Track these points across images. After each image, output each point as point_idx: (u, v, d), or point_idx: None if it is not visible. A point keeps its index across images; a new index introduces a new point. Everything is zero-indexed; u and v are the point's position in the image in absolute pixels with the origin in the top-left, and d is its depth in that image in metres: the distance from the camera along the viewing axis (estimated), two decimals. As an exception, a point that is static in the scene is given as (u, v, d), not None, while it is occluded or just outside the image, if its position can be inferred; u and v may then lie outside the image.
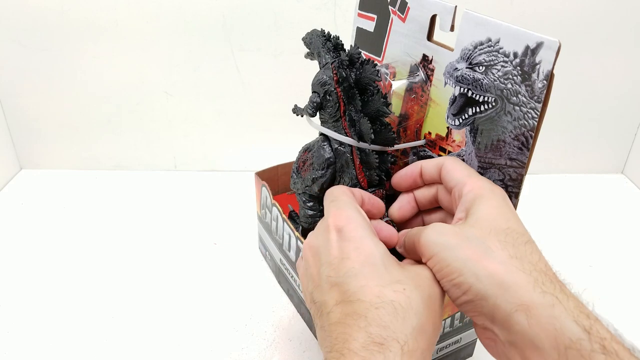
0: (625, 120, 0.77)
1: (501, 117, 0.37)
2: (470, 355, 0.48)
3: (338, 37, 0.42)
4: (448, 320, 0.42)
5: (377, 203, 0.39)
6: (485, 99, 0.37)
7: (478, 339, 0.47)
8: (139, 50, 0.70)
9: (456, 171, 0.36)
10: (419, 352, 0.28)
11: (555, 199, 0.75)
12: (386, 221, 0.41)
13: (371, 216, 0.38)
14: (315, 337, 0.48)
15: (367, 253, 0.31)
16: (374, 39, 0.49)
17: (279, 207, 0.50)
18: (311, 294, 0.33)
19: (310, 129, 0.44)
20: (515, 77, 0.35)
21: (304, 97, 0.44)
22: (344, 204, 0.35)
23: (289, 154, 0.52)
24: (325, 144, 0.43)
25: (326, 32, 0.43)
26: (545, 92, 0.33)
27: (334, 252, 0.32)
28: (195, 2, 0.67)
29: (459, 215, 0.34)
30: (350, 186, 0.42)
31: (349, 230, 0.32)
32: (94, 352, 0.48)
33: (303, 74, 0.47)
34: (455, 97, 0.40)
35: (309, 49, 0.44)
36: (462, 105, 0.40)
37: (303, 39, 0.45)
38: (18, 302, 0.54)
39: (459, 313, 0.42)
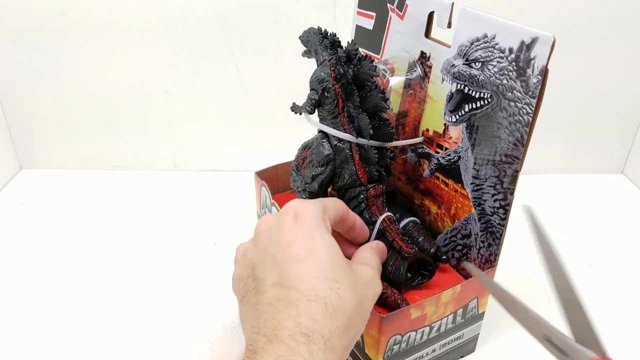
0: (625, 120, 0.77)
1: (497, 113, 0.37)
2: (473, 350, 0.48)
3: (335, 34, 0.42)
4: (450, 317, 0.42)
5: (365, 233, 0.41)
6: (481, 95, 0.37)
7: (480, 335, 0.47)
8: (139, 50, 0.70)
9: None
10: (341, 349, 0.30)
11: (555, 199, 0.74)
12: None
13: (355, 242, 0.41)
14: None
15: (315, 243, 0.32)
16: (373, 37, 0.49)
17: (278, 207, 0.50)
18: (253, 267, 0.34)
19: (310, 129, 0.45)
20: (510, 73, 0.35)
21: (304, 97, 0.44)
22: (315, 200, 0.36)
23: (289, 154, 0.52)
24: (324, 140, 0.43)
25: (323, 30, 0.43)
26: (539, 87, 0.33)
27: (284, 235, 0.33)
28: (195, 2, 0.67)
29: None
30: (349, 182, 0.42)
31: (304, 219, 0.33)
32: (94, 352, 0.48)
33: (303, 74, 0.47)
34: (452, 93, 0.40)
35: (306, 47, 0.45)
36: (458, 101, 0.40)
37: (300, 38, 0.45)
38: (18, 302, 0.54)
39: (461, 309, 0.42)
